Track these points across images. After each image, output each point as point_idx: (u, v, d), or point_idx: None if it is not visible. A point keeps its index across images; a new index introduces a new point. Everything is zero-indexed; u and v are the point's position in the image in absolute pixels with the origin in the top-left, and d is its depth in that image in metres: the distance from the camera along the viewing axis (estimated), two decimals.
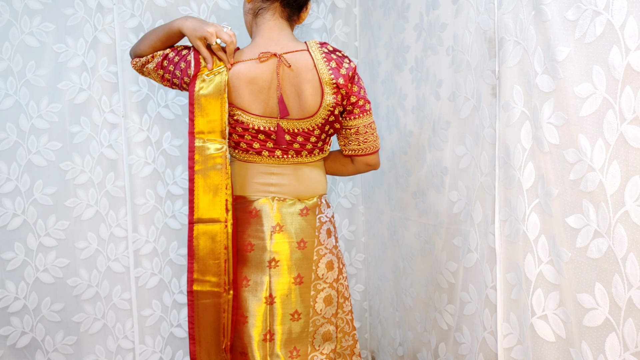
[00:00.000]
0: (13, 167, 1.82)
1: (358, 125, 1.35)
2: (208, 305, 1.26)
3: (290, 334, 1.32)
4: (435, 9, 1.62)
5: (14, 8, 1.79)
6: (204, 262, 1.25)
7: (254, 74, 1.28)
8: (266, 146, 1.32)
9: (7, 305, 1.84)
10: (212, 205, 1.25)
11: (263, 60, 1.27)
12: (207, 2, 2.00)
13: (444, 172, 1.62)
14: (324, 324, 1.38)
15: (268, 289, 1.30)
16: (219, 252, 1.25)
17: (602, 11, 1.03)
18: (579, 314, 1.13)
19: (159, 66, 1.32)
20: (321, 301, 1.37)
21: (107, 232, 1.93)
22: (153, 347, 2.02)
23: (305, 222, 1.35)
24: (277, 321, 1.31)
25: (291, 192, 1.35)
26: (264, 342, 1.30)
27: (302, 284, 1.33)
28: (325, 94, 1.28)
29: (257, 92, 1.28)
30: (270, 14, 1.32)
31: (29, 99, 1.82)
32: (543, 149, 1.20)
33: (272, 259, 1.31)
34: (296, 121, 1.30)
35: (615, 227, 1.03)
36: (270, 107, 1.30)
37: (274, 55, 1.28)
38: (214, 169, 1.25)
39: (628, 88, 0.99)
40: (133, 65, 1.38)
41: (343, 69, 1.29)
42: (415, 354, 1.87)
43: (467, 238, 1.52)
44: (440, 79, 1.62)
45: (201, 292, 1.25)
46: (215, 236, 1.25)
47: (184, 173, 2.01)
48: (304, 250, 1.34)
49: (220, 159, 1.25)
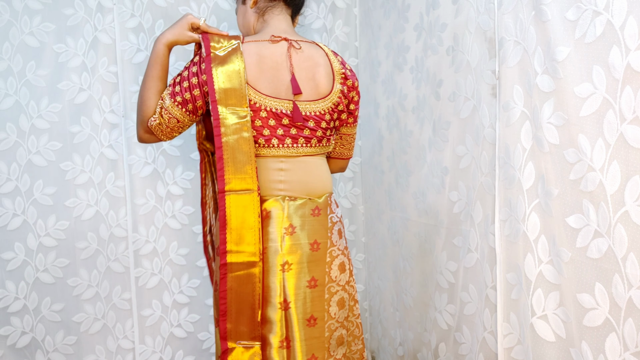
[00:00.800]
0: (13, 167, 1.82)
1: (351, 133, 1.47)
2: (243, 276, 1.21)
3: (308, 340, 1.29)
4: (435, 9, 1.62)
5: (14, 8, 1.79)
6: (237, 232, 1.20)
7: (264, 53, 1.27)
8: (276, 133, 1.27)
9: (7, 305, 1.84)
10: (242, 174, 1.21)
11: (275, 41, 1.29)
12: (207, 2, 2.00)
13: (444, 172, 1.62)
14: (337, 328, 1.35)
15: (282, 294, 1.26)
16: (253, 221, 1.21)
17: (602, 11, 1.03)
18: (579, 314, 1.13)
19: (174, 94, 1.24)
20: (335, 304, 1.33)
21: (107, 232, 1.93)
22: (153, 347, 2.02)
23: (317, 222, 1.31)
24: (294, 328, 1.27)
25: (301, 189, 1.31)
26: (280, 349, 1.26)
27: (317, 287, 1.29)
28: (336, 81, 1.34)
29: (266, 70, 1.27)
30: (278, 10, 1.36)
31: (29, 99, 1.82)
32: (543, 149, 1.20)
33: (286, 262, 1.27)
34: (309, 102, 1.30)
35: (616, 227, 1.03)
36: (280, 88, 1.28)
37: (285, 40, 1.30)
38: (241, 137, 1.22)
39: (628, 88, 0.99)
40: (151, 124, 1.26)
41: (348, 65, 1.40)
42: (415, 354, 1.87)
43: (467, 238, 1.52)
44: (441, 79, 1.62)
45: (235, 263, 1.21)
46: (247, 205, 1.21)
47: (184, 173, 2.01)
48: (317, 252, 1.30)
49: (246, 126, 1.22)
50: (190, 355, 2.07)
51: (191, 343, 2.07)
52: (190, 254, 2.04)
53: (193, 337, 2.07)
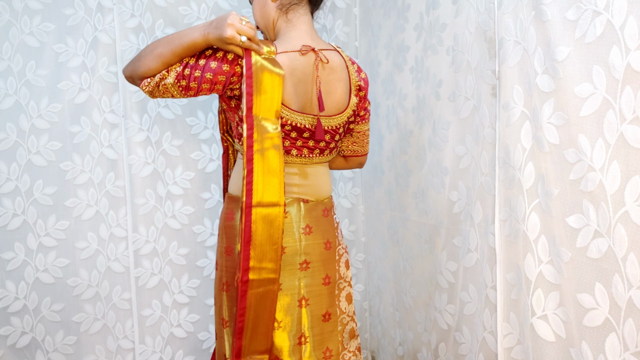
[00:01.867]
0: (13, 167, 1.82)
1: (365, 129, 1.47)
2: (262, 293, 1.20)
3: (322, 335, 1.32)
4: (435, 9, 1.62)
5: (14, 8, 1.79)
6: (261, 248, 1.18)
7: (295, 66, 1.24)
8: (296, 144, 1.29)
9: (7, 305, 1.84)
10: (271, 188, 1.18)
11: (304, 53, 1.26)
12: (207, 2, 2.00)
13: (444, 172, 1.62)
14: (349, 322, 1.40)
15: (300, 292, 1.29)
16: (277, 237, 1.20)
17: (602, 11, 1.03)
18: (579, 314, 1.13)
19: (180, 77, 1.16)
20: (344, 299, 1.39)
21: (107, 232, 1.93)
22: (153, 347, 2.02)
23: (327, 222, 1.36)
24: (310, 324, 1.30)
25: (312, 193, 1.34)
26: (298, 346, 1.29)
27: (330, 284, 1.34)
28: (352, 95, 1.36)
29: (297, 84, 1.25)
30: (303, 10, 1.32)
31: (29, 99, 1.82)
32: (543, 149, 1.20)
33: (304, 260, 1.30)
34: (328, 118, 1.32)
35: (616, 227, 1.03)
36: (306, 102, 1.28)
37: (313, 50, 1.27)
38: (272, 149, 1.18)
39: (628, 88, 0.99)
40: (144, 87, 1.19)
41: (363, 74, 1.41)
42: (415, 354, 1.87)
43: (467, 238, 1.52)
44: (441, 79, 1.62)
45: (256, 280, 1.19)
46: (274, 220, 1.19)
47: (184, 173, 2.01)
48: (329, 251, 1.35)
49: (277, 139, 1.19)
50: (190, 355, 2.07)
51: (191, 343, 2.07)
52: (190, 254, 2.04)
53: (193, 337, 2.07)
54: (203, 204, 2.04)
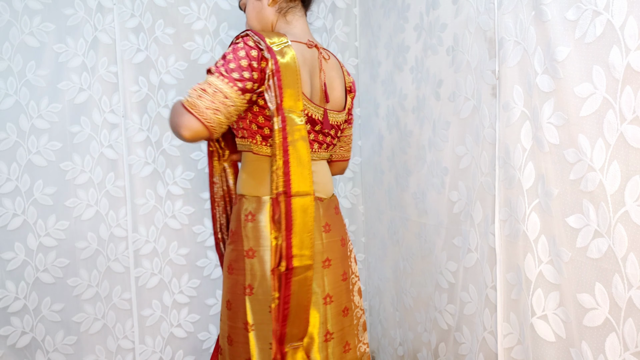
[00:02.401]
0: (13, 167, 1.82)
1: (351, 133, 1.53)
2: (302, 280, 1.23)
3: (342, 330, 1.35)
4: (435, 9, 1.62)
5: (14, 8, 1.79)
6: (300, 236, 1.22)
7: (306, 56, 1.28)
8: (309, 137, 1.30)
9: (7, 305, 1.84)
10: (303, 178, 1.22)
11: (310, 46, 1.31)
12: (207, 2, 2.00)
13: (444, 172, 1.62)
14: (362, 315, 1.46)
15: (325, 290, 1.32)
16: (311, 225, 1.23)
17: (602, 11, 1.03)
18: (579, 314, 1.13)
19: (229, 80, 1.13)
20: (356, 293, 1.44)
21: (107, 232, 1.93)
22: (153, 347, 2.02)
23: (339, 220, 1.39)
24: (333, 320, 1.32)
25: (322, 190, 1.35)
26: (325, 343, 1.30)
27: (346, 280, 1.37)
28: (348, 96, 1.43)
29: (308, 72, 1.28)
30: (299, 12, 1.36)
31: (29, 99, 1.82)
32: (543, 149, 1.20)
33: (327, 258, 1.32)
34: (333, 112, 1.35)
35: (616, 227, 1.03)
36: (315, 93, 1.31)
37: (316, 46, 1.33)
38: (301, 140, 1.22)
39: (628, 88, 0.99)
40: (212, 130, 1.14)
41: (351, 77, 1.47)
42: (415, 354, 1.87)
43: (467, 238, 1.52)
44: (440, 79, 1.62)
45: (299, 267, 1.22)
46: (307, 209, 1.22)
47: (184, 173, 2.01)
48: (344, 248, 1.39)
49: (304, 130, 1.22)
50: (190, 355, 2.07)
51: (191, 343, 2.07)
52: (190, 254, 2.04)
53: (193, 337, 2.07)
54: (203, 204, 2.04)
